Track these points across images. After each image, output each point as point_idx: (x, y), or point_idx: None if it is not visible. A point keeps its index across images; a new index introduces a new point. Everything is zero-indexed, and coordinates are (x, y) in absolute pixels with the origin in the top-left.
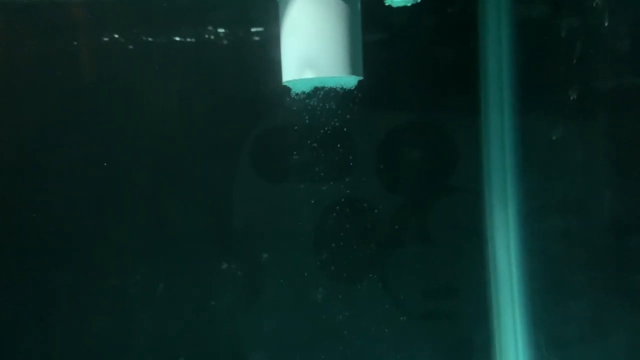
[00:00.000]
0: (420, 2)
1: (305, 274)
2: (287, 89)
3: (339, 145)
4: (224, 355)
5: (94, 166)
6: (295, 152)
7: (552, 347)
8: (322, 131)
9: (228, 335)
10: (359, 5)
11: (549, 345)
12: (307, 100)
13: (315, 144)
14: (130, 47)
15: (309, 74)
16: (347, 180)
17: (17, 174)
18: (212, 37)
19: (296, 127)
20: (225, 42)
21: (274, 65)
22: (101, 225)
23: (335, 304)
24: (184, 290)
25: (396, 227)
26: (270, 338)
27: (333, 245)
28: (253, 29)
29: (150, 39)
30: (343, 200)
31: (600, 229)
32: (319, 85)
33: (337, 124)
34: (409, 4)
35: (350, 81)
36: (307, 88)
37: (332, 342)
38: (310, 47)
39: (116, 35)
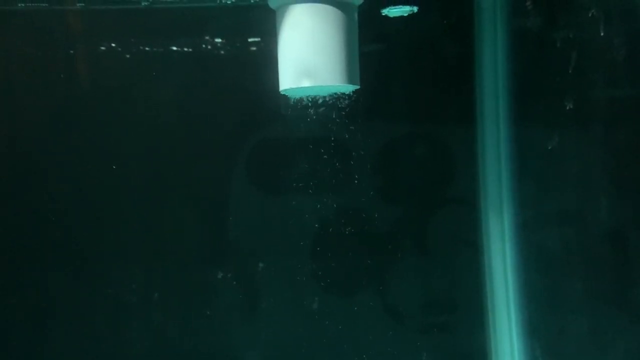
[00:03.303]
0: (416, 12)
1: (302, 284)
2: (284, 98)
3: (334, 155)
4: None
5: (90, 175)
6: (291, 162)
7: (548, 359)
8: (318, 141)
9: (223, 344)
10: (356, 15)
11: (545, 356)
12: (303, 110)
13: (311, 154)
14: (127, 56)
15: (306, 83)
16: (343, 190)
17: (14, 180)
18: (210, 46)
19: (293, 137)
20: (222, 51)
21: (271, 74)
22: (97, 233)
23: (331, 314)
24: (179, 299)
25: (392, 237)
26: (266, 348)
27: (329, 255)
28: (250, 39)
29: (147, 49)
30: (339, 210)
31: (597, 238)
32: (316, 94)
33: (332, 133)
34: (405, 15)
35: (347, 90)
36: (304, 97)
37: (328, 353)
38: (308, 56)
39: (113, 45)
